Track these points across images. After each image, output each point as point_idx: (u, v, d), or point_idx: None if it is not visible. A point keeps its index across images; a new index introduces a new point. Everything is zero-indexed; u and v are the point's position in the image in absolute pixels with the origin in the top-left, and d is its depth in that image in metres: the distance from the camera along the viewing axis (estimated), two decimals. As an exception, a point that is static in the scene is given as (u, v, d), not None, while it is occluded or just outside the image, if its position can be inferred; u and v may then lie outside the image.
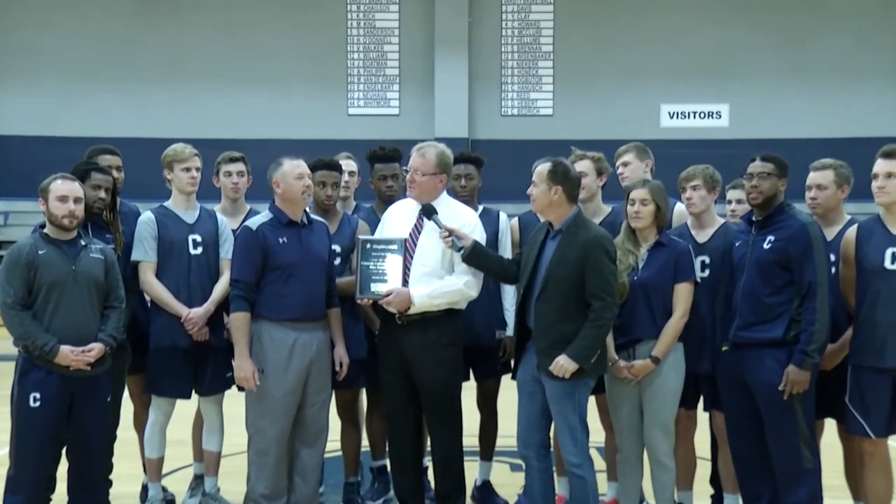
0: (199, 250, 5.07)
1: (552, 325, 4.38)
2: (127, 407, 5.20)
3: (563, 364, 4.31)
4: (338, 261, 5.04)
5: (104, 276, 4.57)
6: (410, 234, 4.72)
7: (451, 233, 4.60)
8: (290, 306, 4.62)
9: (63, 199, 4.47)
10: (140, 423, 5.32)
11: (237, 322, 4.62)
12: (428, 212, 4.69)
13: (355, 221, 5.21)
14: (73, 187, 4.53)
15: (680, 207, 5.06)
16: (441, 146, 4.77)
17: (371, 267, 4.68)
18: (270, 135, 14.64)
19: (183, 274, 5.03)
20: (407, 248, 4.68)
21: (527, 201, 4.57)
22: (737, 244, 4.59)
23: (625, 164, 5.37)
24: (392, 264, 4.66)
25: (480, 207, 5.20)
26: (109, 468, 5.02)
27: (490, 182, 5.52)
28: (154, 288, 5.00)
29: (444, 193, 4.81)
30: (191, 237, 5.07)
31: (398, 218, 4.82)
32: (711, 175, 4.87)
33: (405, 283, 4.63)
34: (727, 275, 4.68)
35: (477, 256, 4.63)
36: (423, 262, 4.67)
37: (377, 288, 4.66)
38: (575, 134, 14.36)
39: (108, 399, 4.66)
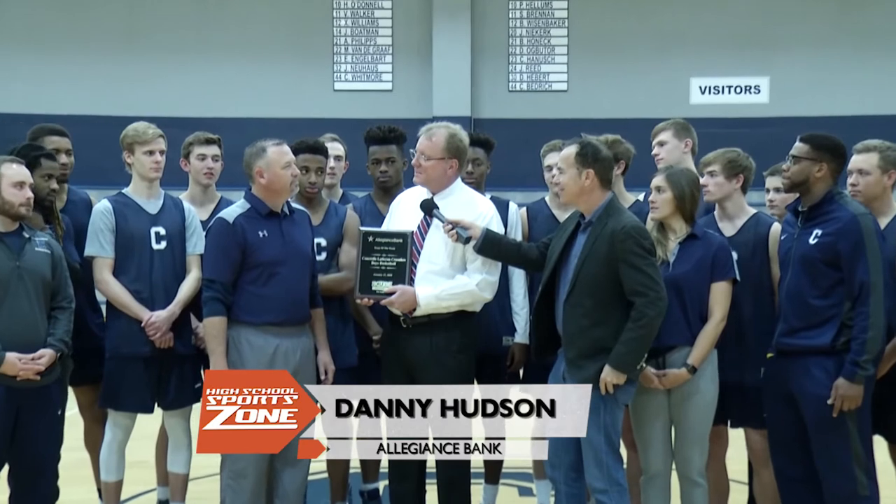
0: (163, 244, 5.06)
1: (582, 331, 4.37)
2: (77, 423, 5.18)
3: (609, 379, 4.28)
4: (322, 255, 5.04)
5: (51, 273, 4.57)
6: (418, 228, 4.71)
7: (454, 225, 4.59)
8: (272, 309, 4.61)
9: (20, 185, 4.50)
10: (93, 442, 5.33)
11: (213, 328, 4.61)
12: (426, 207, 4.69)
13: (343, 212, 5.21)
14: (26, 172, 4.55)
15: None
16: (454, 128, 4.76)
17: (373, 263, 4.68)
18: (245, 113, 14.61)
19: (144, 272, 5.01)
20: (414, 243, 4.68)
21: (536, 188, 4.56)
22: (782, 237, 4.59)
23: (661, 144, 5.37)
24: (397, 260, 4.66)
25: (488, 195, 5.17)
26: (56, 493, 5.01)
27: (495, 166, 5.51)
28: (111, 288, 4.99)
29: (458, 181, 4.80)
30: (153, 230, 5.06)
31: (407, 209, 4.81)
32: (733, 160, 4.86)
33: (410, 281, 4.64)
34: (757, 272, 4.68)
35: (491, 245, 4.62)
36: (430, 259, 4.67)
37: (379, 286, 4.66)
38: (592, 112, 14.37)
39: (59, 413, 4.66)
